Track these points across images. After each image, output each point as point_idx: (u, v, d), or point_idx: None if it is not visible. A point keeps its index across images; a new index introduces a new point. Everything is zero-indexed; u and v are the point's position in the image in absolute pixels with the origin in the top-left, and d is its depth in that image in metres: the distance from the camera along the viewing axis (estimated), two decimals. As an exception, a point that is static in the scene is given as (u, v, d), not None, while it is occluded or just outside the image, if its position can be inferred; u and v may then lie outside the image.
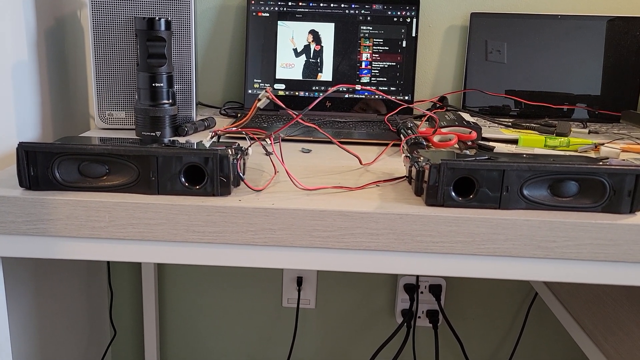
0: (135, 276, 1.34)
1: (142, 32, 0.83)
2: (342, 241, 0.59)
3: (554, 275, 0.59)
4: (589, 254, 0.58)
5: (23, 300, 0.91)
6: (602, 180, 0.58)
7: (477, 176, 0.58)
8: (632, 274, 0.59)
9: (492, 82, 1.15)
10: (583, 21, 1.12)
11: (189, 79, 0.92)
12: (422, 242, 0.58)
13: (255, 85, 1.14)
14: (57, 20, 0.95)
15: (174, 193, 0.60)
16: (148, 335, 1.32)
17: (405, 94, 1.14)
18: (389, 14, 1.12)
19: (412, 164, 0.64)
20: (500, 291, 1.32)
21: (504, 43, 1.13)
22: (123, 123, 0.93)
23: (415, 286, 1.30)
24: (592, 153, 0.85)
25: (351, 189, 0.65)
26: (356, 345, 1.38)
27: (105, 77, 0.91)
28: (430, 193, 0.59)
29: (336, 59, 1.13)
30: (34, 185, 0.60)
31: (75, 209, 0.58)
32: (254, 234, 0.59)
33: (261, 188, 0.64)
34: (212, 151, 0.59)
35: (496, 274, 0.60)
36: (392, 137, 0.89)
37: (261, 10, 1.12)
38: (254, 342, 1.38)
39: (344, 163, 0.77)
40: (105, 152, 0.59)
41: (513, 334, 1.35)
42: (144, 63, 0.84)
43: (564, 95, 1.14)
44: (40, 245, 0.60)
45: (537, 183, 0.59)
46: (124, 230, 0.59)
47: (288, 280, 1.32)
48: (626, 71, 1.12)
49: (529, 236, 0.58)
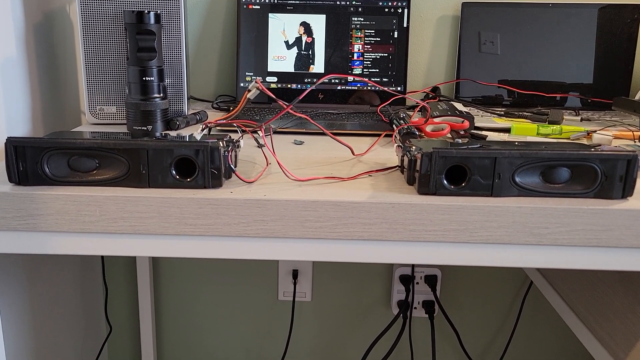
0: (130, 271, 1.34)
1: (132, 26, 0.82)
2: (335, 231, 0.59)
3: (547, 262, 0.59)
4: (582, 240, 0.58)
5: (16, 297, 0.91)
6: (593, 166, 0.58)
7: (469, 164, 0.58)
8: (625, 259, 0.59)
9: (484, 72, 1.15)
10: (574, 9, 1.12)
11: (180, 72, 0.92)
12: (415, 231, 0.58)
13: (247, 78, 1.13)
14: (45, 15, 0.94)
15: (165, 186, 0.60)
16: (144, 330, 1.32)
17: (397, 84, 1.13)
18: (380, 4, 1.12)
19: (404, 154, 0.64)
20: (495, 280, 1.33)
21: (496, 33, 1.13)
22: (114, 118, 0.93)
23: (410, 277, 1.30)
24: (585, 140, 0.85)
25: (343, 179, 0.64)
26: (353, 336, 1.38)
27: (96, 72, 0.91)
28: (422, 182, 0.59)
29: (328, 51, 1.13)
30: (23, 181, 0.59)
31: (65, 204, 0.58)
32: (246, 226, 0.59)
33: (253, 180, 0.63)
34: (202, 143, 0.59)
35: (490, 262, 0.60)
36: (385, 128, 0.89)
37: (252, 3, 1.12)
38: (251, 336, 1.38)
39: (336, 154, 0.76)
40: (94, 145, 0.59)
41: (509, 323, 1.36)
42: (134, 57, 0.83)
43: (557, 84, 1.14)
44: (31, 241, 0.60)
45: (528, 170, 0.59)
46: (115, 225, 0.59)
47: (284, 274, 1.32)
48: (618, 58, 1.12)
49: (521, 223, 0.58)
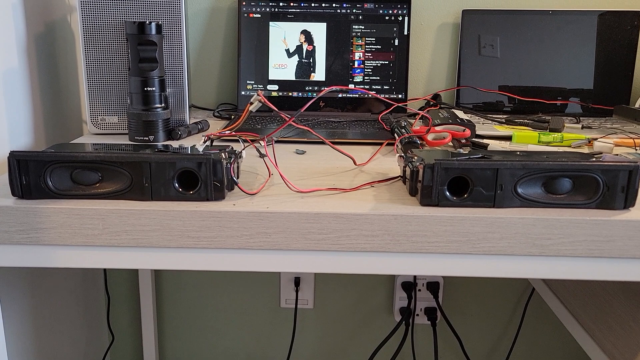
0: (132, 280, 1.34)
1: (133, 37, 0.83)
2: (337, 243, 0.59)
3: (550, 273, 0.59)
4: (584, 251, 0.58)
5: (19, 309, 0.91)
6: (595, 177, 0.58)
7: (471, 175, 0.58)
8: (627, 269, 0.59)
9: (485, 79, 1.15)
10: (574, 16, 1.12)
11: (181, 82, 0.92)
12: (418, 242, 0.58)
13: (248, 87, 1.13)
14: (47, 25, 0.94)
15: (168, 199, 0.60)
16: (146, 339, 1.32)
17: (398, 92, 1.14)
18: (380, 12, 1.12)
19: (406, 164, 0.64)
20: (498, 287, 1.33)
21: (496, 39, 1.13)
22: (116, 128, 0.93)
23: (412, 284, 1.30)
24: (586, 148, 0.85)
25: (345, 190, 0.64)
26: (355, 344, 1.38)
27: (97, 82, 0.91)
28: (424, 193, 0.59)
29: (329, 59, 1.13)
30: (26, 194, 0.59)
31: (68, 217, 0.58)
32: (249, 238, 0.59)
33: (255, 192, 0.63)
34: (205, 156, 0.59)
35: (492, 273, 0.60)
36: (386, 137, 0.89)
37: (252, 12, 1.12)
38: (253, 344, 1.38)
39: (338, 164, 0.76)
40: (97, 159, 0.59)
41: (511, 330, 1.36)
42: (136, 67, 0.83)
43: (557, 90, 1.14)
44: (34, 255, 0.60)
45: (530, 181, 0.59)
46: (119, 238, 0.59)
47: (286, 281, 1.32)
48: (618, 65, 1.12)
49: (524, 234, 0.58)
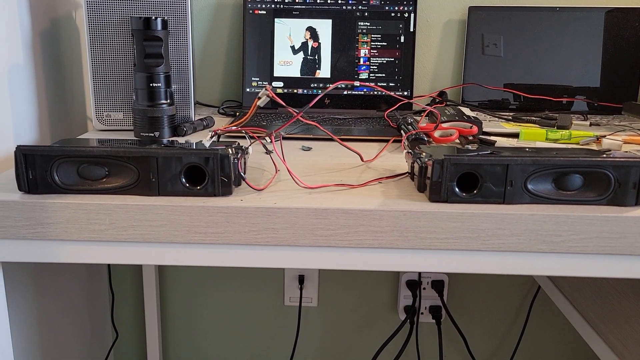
0: (136, 277, 1.33)
1: (139, 32, 0.82)
2: (345, 239, 0.58)
3: (560, 270, 0.59)
4: (595, 248, 0.57)
5: (24, 305, 0.91)
6: (606, 173, 0.58)
7: (480, 171, 0.58)
8: (638, 267, 0.58)
9: (491, 76, 1.14)
10: (581, 13, 1.11)
11: (186, 78, 0.92)
12: (427, 238, 0.58)
13: (253, 84, 1.13)
14: (52, 21, 0.94)
15: (175, 194, 0.60)
16: (150, 336, 1.32)
17: (404, 89, 1.13)
18: (386, 9, 1.11)
19: (414, 160, 0.63)
20: (502, 285, 1.32)
21: (503, 36, 1.13)
22: (121, 124, 0.92)
23: (417, 282, 1.30)
24: (594, 145, 0.85)
25: (353, 186, 0.64)
26: (359, 342, 1.37)
27: (102, 78, 0.90)
28: (433, 189, 0.58)
29: (334, 56, 1.12)
30: (32, 189, 0.59)
31: (75, 212, 0.58)
32: (257, 234, 0.58)
33: (263, 187, 0.63)
34: (212, 151, 0.58)
35: (502, 270, 0.59)
36: (393, 133, 0.89)
37: (258, 8, 1.11)
38: (257, 342, 1.38)
39: (345, 160, 0.76)
40: (104, 154, 0.59)
41: (516, 329, 1.35)
42: (141, 63, 0.83)
43: (563, 88, 1.14)
44: (41, 250, 0.60)
45: (541, 177, 0.58)
46: (125, 233, 0.58)
47: (290, 279, 1.32)
48: (625, 62, 1.12)
49: (534, 231, 0.57)
